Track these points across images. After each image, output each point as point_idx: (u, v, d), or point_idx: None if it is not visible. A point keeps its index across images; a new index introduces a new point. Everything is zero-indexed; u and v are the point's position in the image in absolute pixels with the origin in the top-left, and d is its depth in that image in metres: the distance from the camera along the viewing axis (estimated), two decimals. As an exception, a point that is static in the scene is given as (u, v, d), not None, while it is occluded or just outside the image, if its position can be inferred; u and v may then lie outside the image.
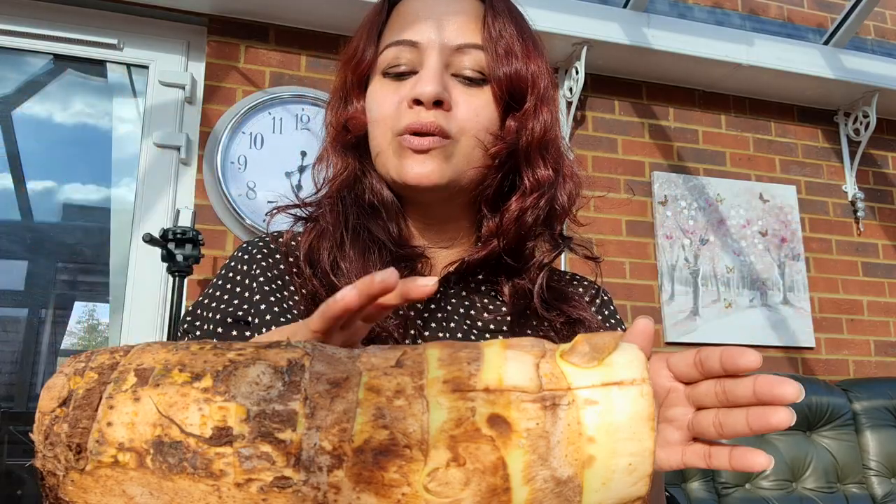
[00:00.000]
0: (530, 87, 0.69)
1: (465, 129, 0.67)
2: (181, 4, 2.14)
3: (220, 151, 2.10)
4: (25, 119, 2.20)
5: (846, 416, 2.25)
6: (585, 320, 0.71)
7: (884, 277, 2.74)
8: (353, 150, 0.73)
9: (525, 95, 0.69)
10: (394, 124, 0.67)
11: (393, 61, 0.69)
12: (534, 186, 0.69)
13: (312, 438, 0.33)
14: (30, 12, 2.10)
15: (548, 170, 0.70)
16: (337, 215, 0.70)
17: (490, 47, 0.68)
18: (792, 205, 2.67)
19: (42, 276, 2.20)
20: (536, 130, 0.69)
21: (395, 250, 0.68)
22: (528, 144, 0.69)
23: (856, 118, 2.75)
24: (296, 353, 0.37)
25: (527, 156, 0.70)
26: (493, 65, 0.68)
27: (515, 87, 0.69)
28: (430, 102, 0.65)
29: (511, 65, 0.68)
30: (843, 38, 2.58)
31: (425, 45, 0.67)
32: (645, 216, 2.52)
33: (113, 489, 0.34)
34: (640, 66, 2.52)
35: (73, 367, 0.37)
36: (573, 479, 0.34)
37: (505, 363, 0.36)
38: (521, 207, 0.69)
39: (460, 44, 0.68)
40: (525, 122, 0.69)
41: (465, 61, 0.68)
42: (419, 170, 0.66)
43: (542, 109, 0.70)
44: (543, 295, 0.70)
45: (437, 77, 0.66)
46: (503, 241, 0.69)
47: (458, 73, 0.68)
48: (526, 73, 0.69)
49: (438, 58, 0.67)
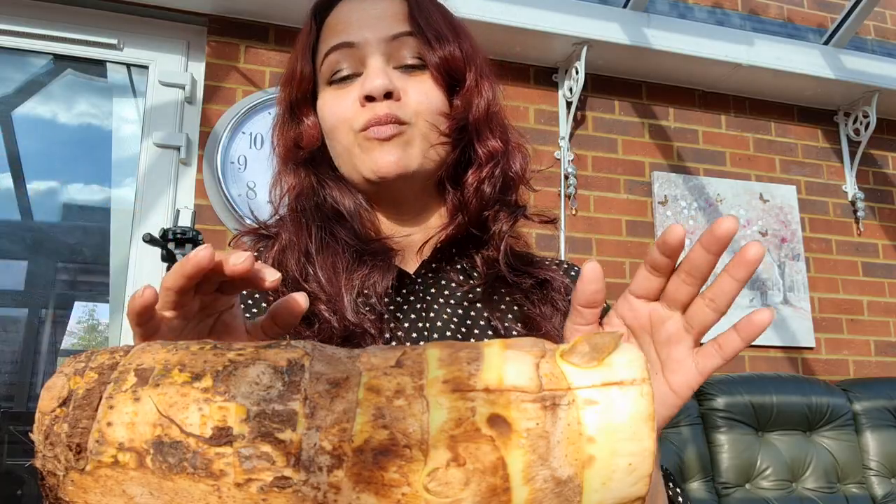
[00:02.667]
0: (466, 65, 0.73)
1: (419, 113, 0.69)
2: (181, 4, 2.14)
3: (220, 151, 2.10)
4: (25, 119, 2.20)
5: (846, 417, 2.25)
6: (553, 280, 0.74)
7: (884, 277, 2.74)
8: (306, 165, 0.75)
9: (464, 74, 0.72)
10: (353, 124, 0.70)
11: (335, 67, 0.71)
12: (487, 157, 0.73)
13: (312, 438, 0.33)
14: (30, 12, 2.10)
15: (497, 141, 0.74)
16: (299, 226, 0.72)
17: (421, 35, 0.71)
18: (792, 205, 2.67)
19: (42, 276, 2.20)
20: (482, 105, 0.73)
21: (362, 247, 0.70)
22: (476, 119, 0.72)
23: (856, 118, 2.75)
24: (296, 353, 0.37)
25: (476, 130, 0.73)
26: (428, 50, 0.71)
27: (453, 68, 0.72)
28: (381, 95, 0.68)
29: (444, 48, 0.71)
30: (843, 38, 2.58)
31: (362, 44, 0.70)
32: (645, 216, 2.52)
33: (113, 489, 0.34)
34: (640, 66, 2.52)
35: (73, 367, 0.37)
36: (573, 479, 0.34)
37: (505, 363, 0.36)
38: (479, 178, 0.72)
39: (395, 33, 0.70)
40: (470, 98, 0.72)
41: (402, 51, 0.70)
42: (388, 158, 0.68)
43: (483, 85, 0.73)
44: (509, 260, 0.73)
45: (381, 71, 0.69)
46: (466, 215, 0.72)
47: (398, 63, 0.71)
48: (460, 53, 0.72)
49: (378, 52, 0.70)
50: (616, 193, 2.51)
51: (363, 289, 0.66)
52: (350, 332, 0.64)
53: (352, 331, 0.63)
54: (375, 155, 0.69)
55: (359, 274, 0.67)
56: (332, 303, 0.65)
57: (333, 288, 0.66)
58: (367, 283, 0.67)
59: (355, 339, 0.63)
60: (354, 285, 0.66)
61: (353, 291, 0.66)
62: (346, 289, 0.66)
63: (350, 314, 0.64)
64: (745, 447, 2.14)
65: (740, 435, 2.14)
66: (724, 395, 2.17)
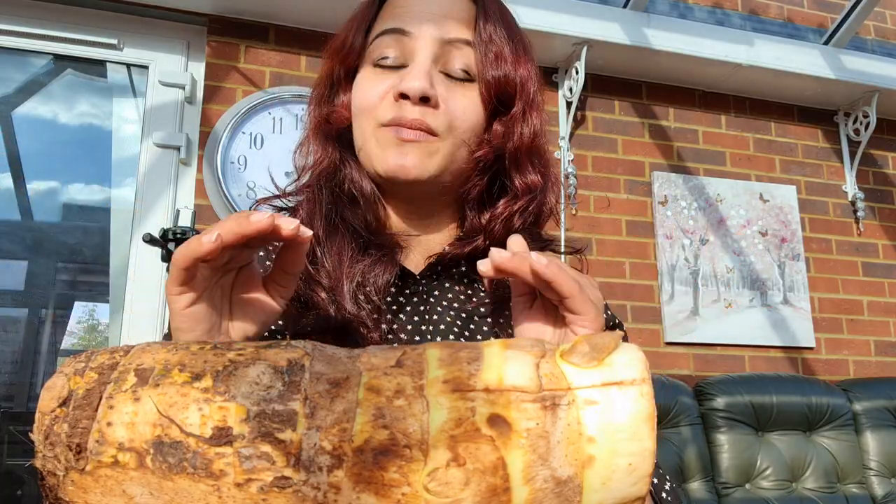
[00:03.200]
0: (518, 91, 0.69)
1: (452, 128, 0.66)
2: (181, 4, 2.14)
3: (220, 151, 2.10)
4: (25, 119, 2.20)
5: (846, 417, 2.25)
6: None
7: (884, 277, 2.74)
8: (335, 140, 0.73)
9: (513, 99, 0.69)
10: (378, 115, 0.67)
11: (383, 51, 0.68)
12: (524, 191, 0.70)
13: (312, 438, 0.33)
14: (30, 12, 2.10)
15: (536, 175, 0.71)
16: (313, 205, 0.70)
17: (480, 48, 0.67)
18: (792, 205, 2.67)
19: (42, 276, 2.20)
20: (525, 135, 0.70)
21: (369, 238, 0.68)
22: (516, 149, 0.69)
23: (856, 118, 2.75)
24: (296, 353, 0.37)
25: (515, 160, 0.70)
26: (483, 66, 0.67)
27: (503, 91, 0.68)
28: (417, 98, 0.65)
29: (500, 68, 0.68)
30: (843, 38, 2.58)
31: (416, 35, 0.67)
32: (645, 216, 2.52)
33: (113, 489, 0.34)
34: (640, 66, 2.52)
35: (73, 367, 0.37)
36: (573, 479, 0.34)
37: (505, 363, 0.36)
38: (511, 211, 0.69)
39: (452, 38, 0.67)
40: (512, 126, 0.69)
41: (455, 57, 0.67)
42: (402, 161, 0.65)
43: (530, 114, 0.70)
44: None
45: (425, 72, 0.65)
46: (488, 240, 0.69)
47: (446, 69, 0.67)
48: (514, 77, 0.69)
49: (429, 50, 0.66)
50: (616, 193, 2.51)
51: (364, 280, 0.65)
52: (347, 322, 0.63)
53: (348, 321, 0.62)
54: (390, 153, 0.66)
55: (361, 264, 0.66)
56: (333, 291, 0.64)
57: (336, 275, 0.65)
58: (368, 275, 0.65)
59: (352, 331, 0.62)
60: (355, 275, 0.65)
61: (353, 281, 0.64)
62: (346, 277, 0.64)
63: (349, 304, 0.63)
64: (745, 447, 2.14)
65: (740, 435, 2.14)
66: (724, 395, 2.17)
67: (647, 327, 2.41)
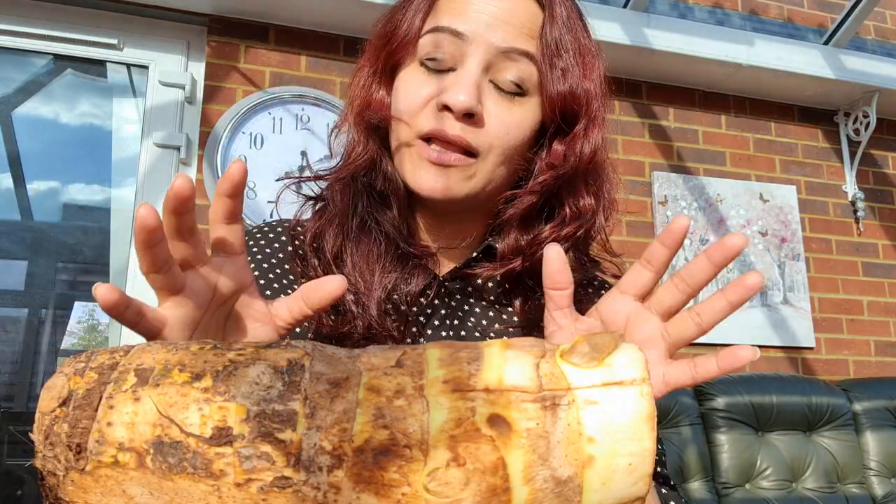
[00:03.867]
0: (584, 107, 0.63)
1: (493, 147, 0.61)
2: (181, 4, 2.14)
3: (220, 151, 2.10)
4: (25, 119, 2.20)
5: (846, 417, 2.25)
6: None
7: (884, 277, 2.74)
8: (376, 132, 0.67)
9: (577, 116, 0.63)
10: (417, 124, 0.62)
11: (432, 51, 0.62)
12: (574, 216, 0.65)
13: (312, 438, 0.33)
14: (30, 12, 2.10)
15: (590, 198, 0.65)
16: (347, 200, 0.65)
17: (545, 61, 0.62)
18: (792, 205, 2.67)
19: (42, 276, 2.20)
20: (585, 154, 0.64)
21: (403, 246, 0.64)
22: (574, 170, 0.64)
23: (856, 118, 2.75)
24: (296, 353, 0.37)
25: (570, 182, 0.64)
26: (547, 81, 0.61)
27: (568, 108, 0.62)
28: (461, 114, 0.60)
29: (566, 83, 0.62)
30: (843, 38, 2.58)
31: (471, 39, 0.61)
32: (645, 216, 2.52)
33: (113, 489, 0.34)
34: (640, 66, 2.52)
35: (73, 367, 0.37)
36: (573, 479, 0.34)
37: (505, 363, 0.36)
38: (557, 235, 0.64)
39: (509, 48, 0.61)
40: (573, 145, 0.63)
41: (509, 68, 0.61)
42: (433, 184, 0.61)
43: (592, 131, 0.64)
44: None
45: (473, 85, 0.60)
46: (527, 264, 0.64)
47: (497, 80, 0.61)
48: (580, 92, 0.63)
49: (481, 58, 0.60)
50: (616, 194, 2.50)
51: (394, 291, 0.61)
52: (373, 330, 0.59)
53: (374, 330, 0.59)
54: (423, 174, 0.61)
55: (394, 275, 0.62)
56: (360, 296, 0.60)
57: (365, 282, 0.61)
58: (399, 287, 0.61)
59: (378, 341, 0.59)
60: (387, 285, 0.61)
61: (385, 290, 0.60)
62: (377, 285, 0.60)
63: (374, 312, 0.59)
64: (745, 447, 2.14)
65: (740, 435, 2.14)
66: (724, 395, 2.17)
67: (647, 327, 2.41)
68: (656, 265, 0.48)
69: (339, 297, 0.46)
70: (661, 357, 0.48)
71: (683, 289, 0.47)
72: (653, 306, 0.49)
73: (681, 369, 0.46)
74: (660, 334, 0.48)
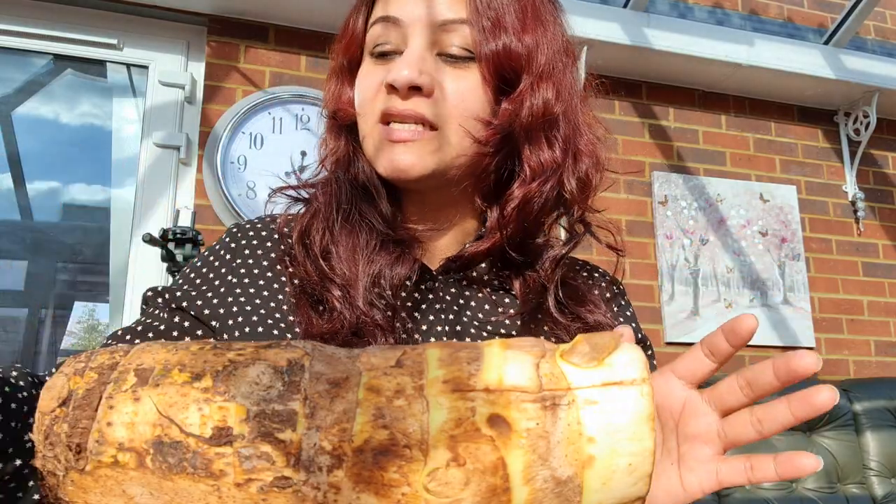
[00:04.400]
0: (525, 63, 0.62)
1: (451, 116, 0.61)
2: (181, 4, 2.14)
3: (220, 151, 2.10)
4: (25, 119, 2.20)
5: (846, 417, 2.25)
6: (602, 325, 0.64)
7: (884, 277, 2.74)
8: (348, 130, 0.69)
9: (519, 73, 0.62)
10: (375, 110, 0.62)
11: (377, 39, 0.63)
12: (535, 172, 0.63)
13: (312, 438, 0.33)
14: (30, 12, 2.10)
15: (553, 151, 0.63)
16: (329, 196, 0.65)
17: (476, 21, 0.61)
18: (792, 205, 2.67)
19: (42, 276, 2.20)
20: (536, 109, 0.62)
21: (386, 233, 0.63)
22: (528, 125, 0.62)
23: (856, 118, 2.75)
24: (296, 353, 0.37)
25: (528, 137, 0.63)
26: (480, 41, 0.61)
27: (506, 66, 0.61)
28: (405, 89, 0.60)
29: (498, 40, 0.61)
30: (844, 38, 2.58)
31: (408, 23, 0.62)
32: (645, 216, 2.52)
33: (113, 489, 0.34)
34: (640, 66, 2.52)
35: (73, 367, 0.37)
36: (573, 479, 0.34)
37: (505, 363, 0.36)
38: (524, 195, 0.62)
39: (444, 20, 0.61)
40: (521, 102, 0.62)
41: (451, 38, 0.61)
42: (397, 163, 0.61)
43: (540, 86, 0.62)
44: (558, 295, 0.64)
45: (414, 61, 0.60)
46: (507, 232, 0.63)
47: (443, 51, 0.61)
48: (519, 47, 0.62)
49: (422, 37, 0.61)
50: (616, 193, 2.51)
51: (379, 278, 0.60)
52: (361, 323, 0.58)
53: (363, 322, 0.58)
54: (384, 154, 0.62)
55: (378, 262, 0.61)
56: (346, 289, 0.60)
57: (350, 273, 0.60)
58: (384, 273, 0.60)
59: (365, 333, 0.58)
60: (372, 273, 0.60)
61: (369, 279, 0.60)
62: (362, 275, 0.60)
63: (361, 302, 0.58)
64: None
65: (740, 435, 2.14)
66: (724, 395, 2.17)
67: (648, 327, 2.41)
68: (719, 358, 0.46)
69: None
70: (714, 454, 0.46)
71: (748, 393, 0.45)
72: (712, 401, 0.47)
73: (736, 469, 0.45)
74: (716, 432, 0.46)
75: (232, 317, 0.61)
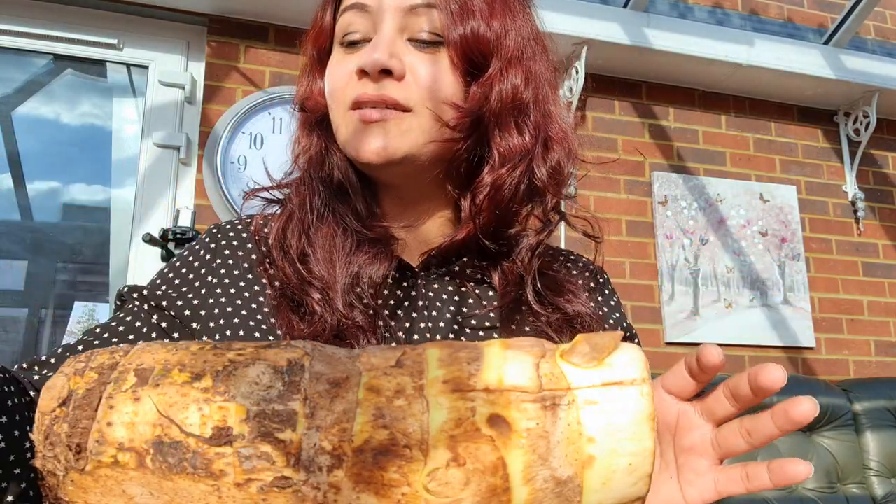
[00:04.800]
0: (494, 47, 0.62)
1: (423, 100, 0.61)
2: (181, 4, 2.14)
3: (220, 151, 2.10)
4: (25, 119, 2.20)
5: (846, 417, 2.25)
6: (583, 316, 0.64)
7: (884, 277, 2.74)
8: (319, 127, 0.68)
9: (488, 58, 0.62)
10: (345, 98, 0.62)
11: (347, 29, 0.63)
12: (504, 157, 0.62)
13: (312, 438, 0.33)
14: (30, 12, 2.10)
15: (523, 137, 0.63)
16: (303, 197, 0.66)
17: (444, 5, 0.61)
18: (792, 205, 2.67)
19: (42, 276, 2.20)
20: (505, 94, 0.62)
21: (362, 232, 0.63)
22: (497, 110, 0.62)
23: (856, 118, 2.75)
24: (296, 353, 0.37)
25: (497, 123, 0.62)
26: (447, 25, 0.61)
27: (474, 50, 0.61)
28: (376, 72, 0.60)
29: (467, 24, 0.61)
30: (844, 38, 2.58)
31: (376, 9, 0.62)
32: (645, 216, 2.52)
33: (113, 489, 0.34)
34: (640, 66, 2.52)
35: (73, 367, 0.37)
36: (573, 479, 0.34)
37: (505, 363, 0.36)
38: (494, 181, 0.62)
39: (413, 4, 0.61)
40: (490, 87, 0.62)
41: (420, 22, 0.61)
42: (369, 145, 0.61)
43: (509, 71, 0.63)
44: (536, 285, 0.64)
45: (384, 45, 0.60)
46: (479, 221, 0.63)
47: (413, 36, 0.62)
48: (487, 32, 0.62)
49: (390, 22, 0.61)
50: (616, 193, 2.51)
51: (358, 279, 0.60)
52: (342, 325, 0.58)
53: (343, 325, 0.58)
54: (358, 138, 0.61)
55: (356, 262, 0.61)
56: (326, 292, 0.59)
57: (329, 275, 0.60)
58: (363, 273, 0.60)
59: (347, 335, 0.57)
60: (350, 274, 0.60)
61: (347, 281, 0.60)
62: (339, 277, 0.60)
63: (341, 305, 0.58)
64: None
65: (740, 435, 2.14)
66: (724, 395, 2.17)
67: (647, 327, 2.41)
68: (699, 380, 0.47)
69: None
70: (709, 466, 0.47)
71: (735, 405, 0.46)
72: (704, 412, 0.47)
73: (733, 479, 0.45)
74: (711, 443, 0.47)
75: (213, 318, 0.60)
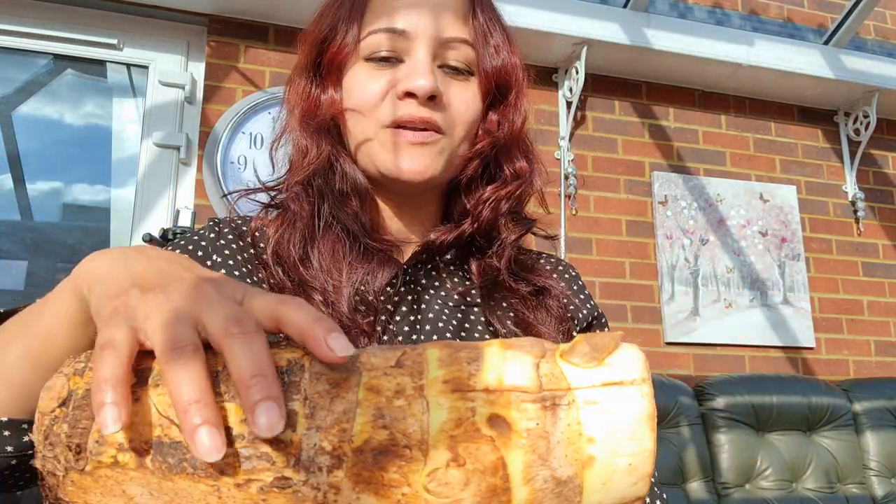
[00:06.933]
0: (514, 79, 0.71)
1: (457, 124, 0.67)
2: (181, 4, 2.14)
3: (220, 151, 2.10)
4: (25, 119, 2.20)
5: (846, 417, 2.25)
6: (551, 288, 0.72)
7: (884, 277, 2.74)
8: (326, 133, 0.70)
9: (510, 88, 0.70)
10: (380, 115, 0.66)
11: (378, 47, 0.67)
12: (513, 177, 0.71)
13: (312, 438, 0.33)
14: (30, 12, 2.10)
15: (523, 161, 0.72)
16: (311, 205, 0.68)
17: (479, 41, 0.68)
18: (792, 205, 2.67)
19: (42, 276, 2.20)
20: (516, 123, 0.71)
21: (366, 242, 0.67)
22: (508, 136, 0.71)
23: (856, 118, 2.75)
24: (295, 353, 0.37)
25: (506, 148, 0.71)
26: (483, 59, 0.68)
27: (502, 81, 0.69)
28: (425, 98, 0.64)
29: (500, 59, 0.69)
30: (844, 38, 2.58)
31: (413, 35, 0.66)
32: (645, 216, 2.52)
33: (113, 489, 0.34)
34: (640, 66, 2.52)
35: (72, 367, 0.37)
36: (573, 479, 0.34)
37: (505, 363, 0.36)
38: (498, 196, 0.70)
39: (450, 37, 0.67)
40: (507, 114, 0.70)
41: (452, 53, 0.67)
42: (414, 166, 0.65)
43: (521, 101, 0.72)
44: (511, 268, 0.72)
45: (430, 70, 0.65)
46: (475, 224, 0.70)
47: (445, 63, 0.67)
48: (510, 66, 0.70)
49: (426, 48, 0.66)
50: (616, 193, 2.51)
51: (363, 285, 0.64)
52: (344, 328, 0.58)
53: (346, 328, 0.60)
54: (401, 156, 0.65)
55: (362, 269, 0.64)
56: (328, 295, 0.62)
57: (333, 280, 0.63)
58: (368, 279, 0.64)
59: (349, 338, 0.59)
60: (355, 280, 0.63)
61: (353, 287, 0.63)
62: (347, 282, 0.63)
63: (346, 309, 0.61)
64: (745, 447, 2.14)
65: (740, 435, 2.14)
66: (724, 395, 2.17)
67: (647, 327, 2.41)
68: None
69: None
70: None
71: None
72: None
73: None
74: None
75: None
